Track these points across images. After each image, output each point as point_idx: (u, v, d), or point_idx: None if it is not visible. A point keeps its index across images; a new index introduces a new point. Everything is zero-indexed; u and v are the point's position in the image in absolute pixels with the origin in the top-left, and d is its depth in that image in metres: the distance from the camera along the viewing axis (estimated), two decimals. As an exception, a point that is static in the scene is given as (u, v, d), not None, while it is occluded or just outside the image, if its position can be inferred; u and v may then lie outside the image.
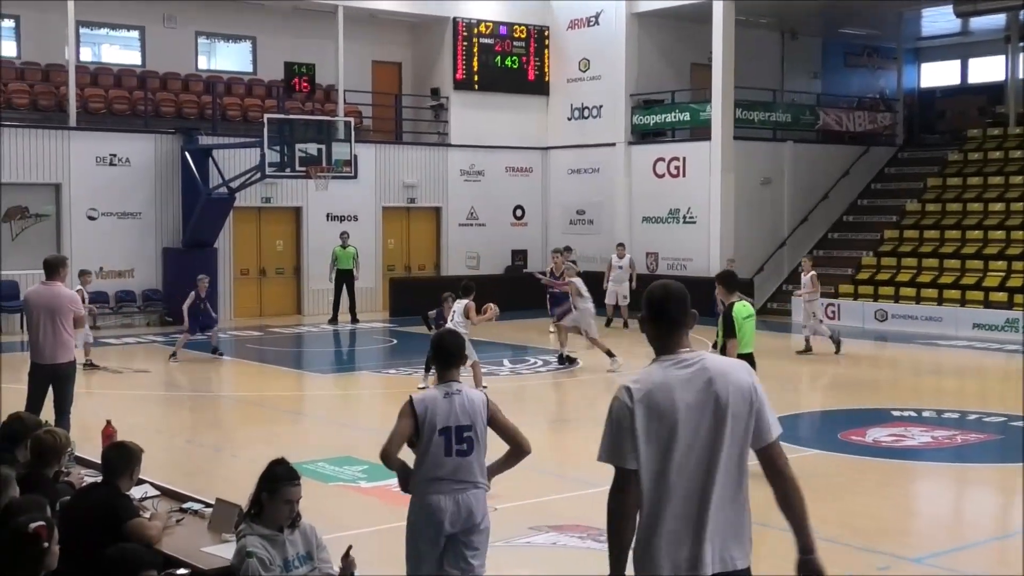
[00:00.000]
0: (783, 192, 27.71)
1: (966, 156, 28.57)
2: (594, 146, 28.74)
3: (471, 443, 5.65)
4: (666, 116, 27.99)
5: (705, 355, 4.12)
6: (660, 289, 4.17)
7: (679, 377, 4.03)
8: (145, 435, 12.35)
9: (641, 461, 3.98)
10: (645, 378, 4.07)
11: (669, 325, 4.12)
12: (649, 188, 27.66)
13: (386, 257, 27.61)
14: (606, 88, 28.46)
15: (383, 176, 27.34)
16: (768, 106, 28.30)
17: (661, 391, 4.01)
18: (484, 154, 29.01)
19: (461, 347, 5.84)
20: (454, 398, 5.68)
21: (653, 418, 3.98)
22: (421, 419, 5.65)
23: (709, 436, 4.01)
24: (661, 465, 3.98)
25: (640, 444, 3.97)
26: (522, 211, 29.87)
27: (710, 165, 26.26)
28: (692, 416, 4.00)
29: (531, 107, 29.74)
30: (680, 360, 4.08)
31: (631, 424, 3.97)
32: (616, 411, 4.02)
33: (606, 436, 4.04)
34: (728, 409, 4.02)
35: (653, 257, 27.62)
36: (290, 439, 12.94)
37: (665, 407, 3.99)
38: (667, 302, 4.12)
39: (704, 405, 4.01)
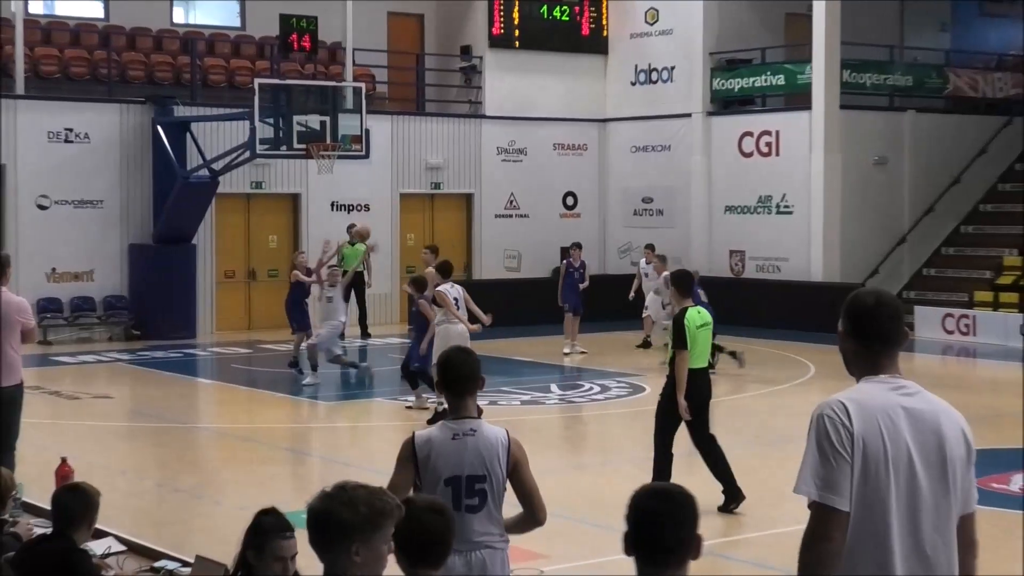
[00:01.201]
0: (903, 175, 27.50)
1: None
2: (664, 117, 28.66)
3: (484, 496, 5.58)
4: (755, 80, 27.85)
5: (919, 386, 4.07)
6: (870, 297, 4.11)
7: (903, 404, 3.96)
8: (108, 476, 12.46)
9: (852, 502, 3.87)
10: (860, 396, 3.96)
11: (882, 341, 4.05)
12: (733, 170, 27.55)
13: (404, 256, 27.66)
14: (679, 45, 28.38)
15: (401, 155, 27.42)
16: (883, 67, 28.08)
17: (883, 416, 3.92)
18: (527, 128, 29.01)
19: (475, 369, 5.70)
20: (466, 440, 5.58)
21: (875, 449, 3.88)
22: (423, 465, 5.60)
23: (934, 489, 3.93)
24: (874, 513, 3.88)
25: (855, 480, 3.87)
26: (574, 199, 29.83)
27: (810, 141, 26.11)
28: (920, 459, 3.91)
29: (586, 69, 29.71)
30: (899, 385, 4.01)
31: (850, 450, 3.86)
32: (830, 431, 3.89)
33: (812, 462, 3.90)
34: (953, 460, 3.98)
35: (738, 257, 27.48)
36: (285, 482, 12.97)
37: (890, 438, 3.89)
38: (879, 311, 4.06)
39: (930, 448, 3.93)
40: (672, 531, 3.74)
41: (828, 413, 3.91)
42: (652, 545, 3.75)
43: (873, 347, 4.06)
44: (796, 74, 26.96)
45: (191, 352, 22.73)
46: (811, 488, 3.89)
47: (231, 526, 5.43)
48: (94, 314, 24.05)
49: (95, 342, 23.55)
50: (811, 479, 3.89)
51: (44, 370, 18.28)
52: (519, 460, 5.61)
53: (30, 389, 17.29)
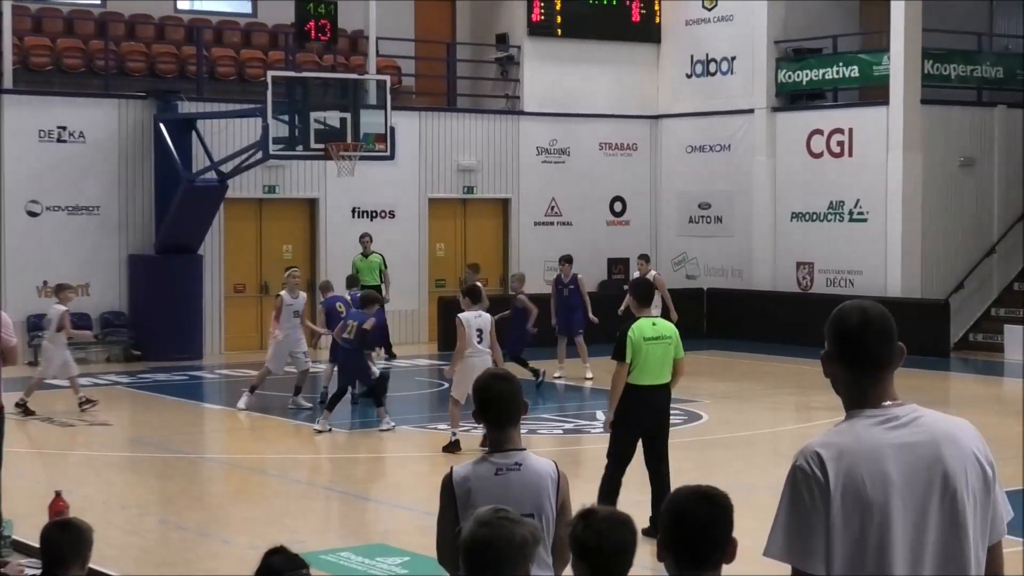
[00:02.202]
0: (991, 177, 27.37)
1: None
2: (724, 113, 28.67)
3: None
4: (826, 71, 27.80)
5: (920, 410, 4.02)
6: (855, 313, 4.04)
7: (891, 441, 3.91)
8: (106, 511, 12.57)
9: (835, 563, 3.85)
10: (840, 440, 3.94)
11: (870, 365, 4.01)
12: (800, 172, 27.51)
13: (433, 268, 27.73)
14: (741, 33, 28.39)
15: (430, 156, 27.51)
16: (970, 57, 27.98)
17: (866, 461, 3.87)
18: (570, 126, 29.06)
19: (517, 396, 5.66)
20: (510, 476, 5.55)
21: (856, 501, 3.85)
22: (462, 504, 5.56)
23: (940, 532, 3.89)
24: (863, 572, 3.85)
25: (835, 539, 3.84)
26: (623, 204, 29.85)
27: (887, 139, 26.05)
28: (913, 501, 3.88)
29: (636, 60, 29.75)
30: (889, 417, 3.96)
31: (824, 508, 3.84)
32: (801, 485, 3.88)
33: (782, 522, 3.91)
34: (962, 491, 3.92)
35: (806, 269, 27.40)
36: (303, 520, 13.02)
37: (874, 486, 3.86)
38: (866, 332, 4.00)
39: (930, 485, 3.90)
40: (711, 533, 3.98)
41: (801, 465, 3.88)
42: (689, 548, 3.98)
43: (861, 373, 4.01)
44: (872, 65, 26.89)
45: (197, 375, 22.85)
46: (781, 551, 3.88)
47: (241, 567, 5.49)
48: (90, 332, 24.20)
49: (91, 363, 23.68)
50: (782, 540, 3.88)
51: (35, 394, 18.40)
52: (565, 500, 5.59)
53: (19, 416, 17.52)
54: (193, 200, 23.88)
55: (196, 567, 11.04)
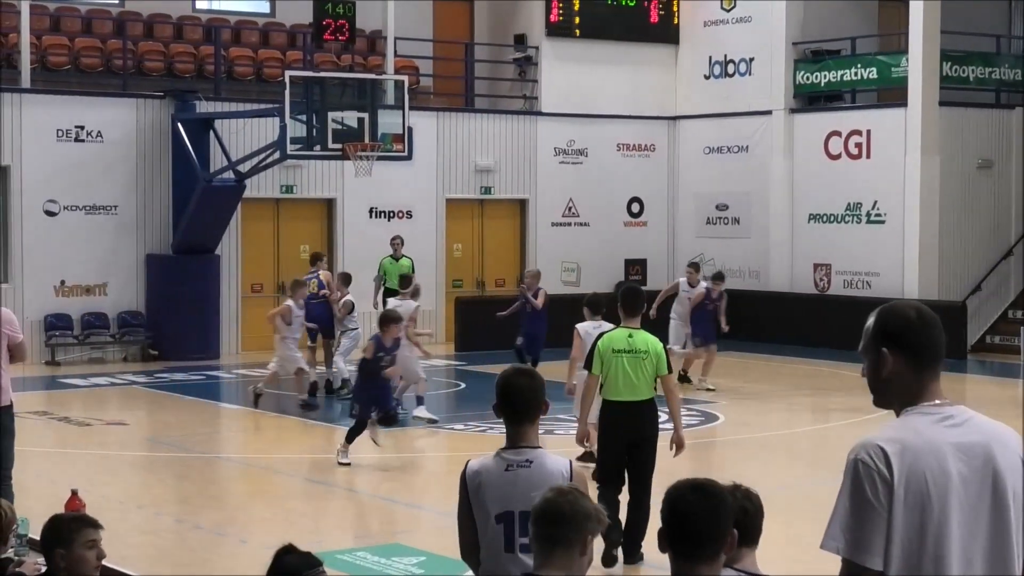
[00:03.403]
0: (1010, 179, 27.34)
1: None
2: (742, 115, 28.64)
3: None
4: (844, 73, 27.75)
5: (969, 411, 4.03)
6: (912, 310, 4.06)
7: (949, 439, 3.91)
8: (122, 510, 12.59)
9: (892, 560, 3.84)
10: (903, 436, 3.91)
11: (930, 361, 4.01)
12: (818, 174, 27.46)
13: (451, 269, 27.74)
14: (759, 34, 28.35)
15: (447, 157, 27.52)
16: (990, 59, 27.92)
17: (929, 457, 3.86)
18: (587, 126, 29.04)
19: (537, 393, 5.72)
20: (519, 472, 5.59)
21: (918, 498, 3.84)
22: (473, 498, 5.65)
23: (990, 532, 3.90)
24: (920, 568, 3.84)
25: (895, 536, 3.83)
26: (640, 206, 29.82)
27: (906, 141, 25.99)
28: (969, 500, 3.88)
29: (654, 61, 29.72)
30: (945, 416, 3.96)
31: (887, 503, 3.83)
32: (863, 479, 3.86)
33: (841, 516, 3.88)
34: (1011, 493, 3.94)
35: (824, 270, 27.35)
36: (318, 520, 13.03)
37: (935, 483, 3.85)
38: (926, 327, 4.02)
39: (983, 485, 3.91)
40: (707, 526, 4.11)
41: (863, 458, 3.86)
42: (687, 540, 4.12)
43: (921, 368, 4.00)
44: (890, 67, 26.84)
45: (214, 375, 22.88)
46: (840, 544, 3.86)
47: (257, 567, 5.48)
48: (107, 332, 24.27)
49: (108, 363, 23.75)
50: (840, 534, 3.86)
51: (52, 393, 18.47)
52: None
53: (36, 414, 17.58)
54: (210, 200, 23.92)
55: (213, 567, 11.04)
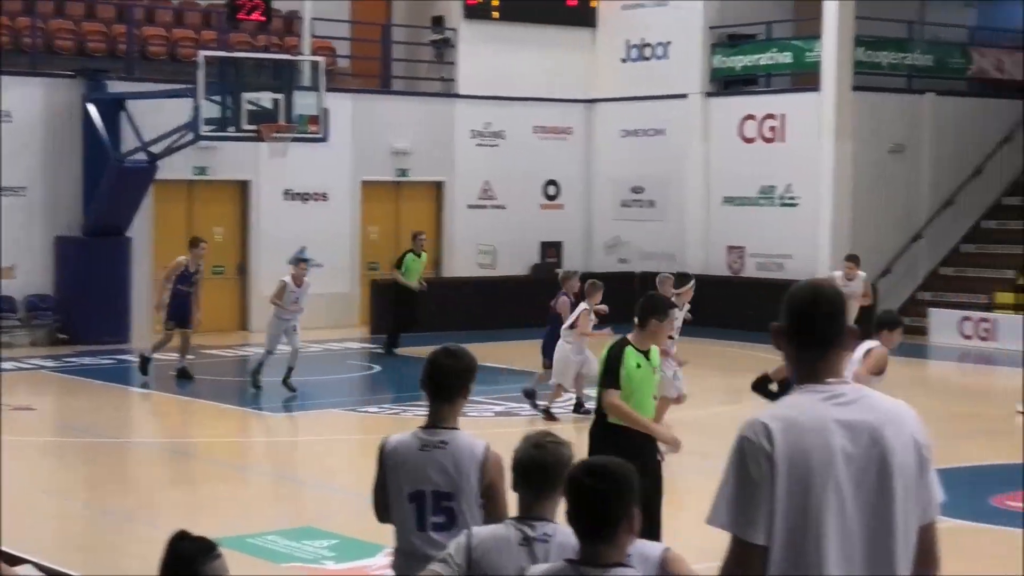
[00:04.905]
0: (920, 164, 27.66)
1: None
2: (658, 98, 28.75)
3: (452, 515, 5.56)
4: (759, 57, 27.96)
5: (864, 389, 4.10)
6: (807, 291, 4.13)
7: (836, 417, 3.95)
8: (30, 496, 12.44)
9: (775, 534, 3.88)
10: (788, 413, 3.97)
11: (817, 343, 4.07)
12: (733, 157, 27.65)
13: (366, 251, 27.67)
14: (676, 18, 28.47)
15: (364, 139, 27.40)
16: (902, 44, 28.22)
17: (813, 434, 3.91)
18: (505, 109, 29.04)
19: (461, 375, 5.71)
20: (433, 453, 5.59)
21: (800, 473, 3.88)
22: (389, 475, 5.67)
23: (873, 508, 3.95)
24: (803, 543, 3.88)
25: (778, 509, 3.87)
26: (556, 188, 29.88)
27: (819, 126, 26.21)
28: (853, 476, 3.92)
29: (571, 44, 29.75)
30: (835, 394, 4.00)
31: (769, 478, 3.87)
32: (747, 455, 3.90)
33: (727, 491, 3.93)
34: (899, 470, 3.97)
35: (737, 253, 27.57)
36: (230, 504, 12.96)
37: (819, 459, 3.89)
38: (816, 310, 4.07)
39: (868, 460, 3.94)
40: (604, 506, 4.16)
41: (747, 435, 3.90)
42: (583, 521, 4.19)
43: (809, 350, 4.06)
44: (805, 51, 27.05)
45: (125, 359, 22.60)
46: (724, 519, 3.91)
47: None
48: (15, 316, 23.93)
49: (16, 347, 23.38)
50: (725, 509, 3.91)
51: None
52: (495, 481, 5.57)
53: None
54: (122, 181, 23.66)
55: (121, 551, 10.97)
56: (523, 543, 4.81)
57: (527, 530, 4.82)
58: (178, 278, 19.68)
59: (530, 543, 4.80)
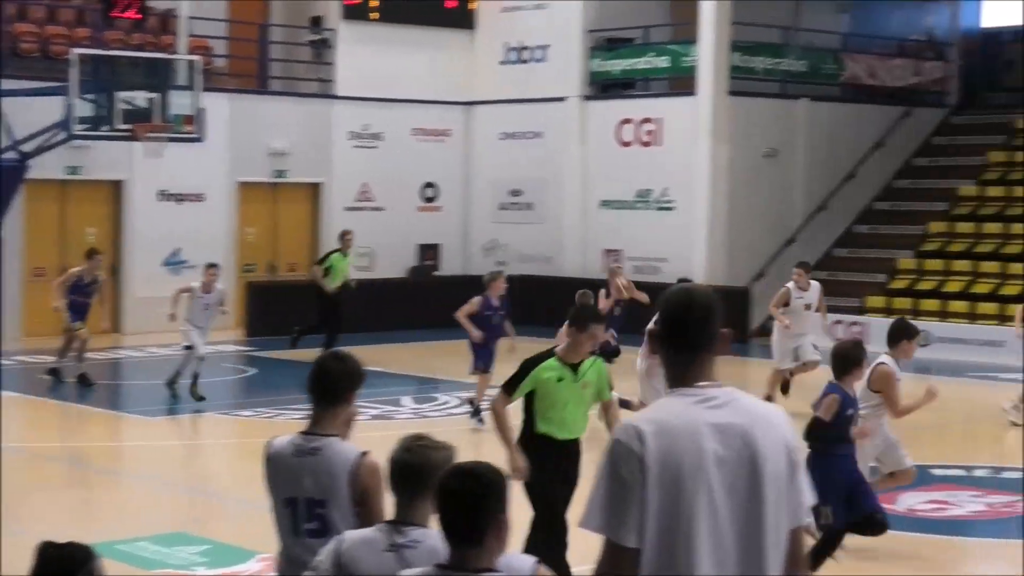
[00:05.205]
0: (794, 168, 28.09)
1: (1043, 122, 29.23)
2: (537, 101, 28.91)
3: (326, 522, 5.53)
4: (637, 61, 28.23)
5: (737, 393, 4.13)
6: (681, 295, 4.18)
7: (708, 420, 3.99)
8: None
9: (647, 536, 3.92)
10: (660, 416, 4.02)
11: (689, 347, 4.12)
12: (611, 160, 27.89)
13: (243, 253, 27.50)
14: (555, 21, 28.65)
15: (240, 139, 27.23)
16: (776, 50, 28.67)
17: (684, 437, 3.95)
18: (383, 110, 29.02)
19: (342, 380, 5.67)
20: (305, 460, 5.59)
21: (672, 476, 3.92)
22: (268, 476, 5.69)
23: (744, 510, 3.99)
24: (675, 545, 3.92)
25: (649, 512, 3.91)
26: (435, 190, 29.93)
27: (696, 130, 26.55)
28: (724, 478, 3.96)
29: (450, 46, 29.81)
30: (707, 397, 4.05)
31: (640, 481, 3.91)
32: (619, 459, 3.93)
33: (599, 494, 3.96)
34: (770, 471, 4.02)
35: (614, 256, 27.79)
36: (101, 509, 12.85)
37: (690, 462, 3.93)
38: (688, 316, 4.12)
39: (740, 463, 3.98)
40: (472, 511, 4.18)
41: (620, 438, 3.95)
42: (451, 525, 4.20)
43: (681, 353, 4.12)
44: (681, 56, 27.38)
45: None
46: (597, 522, 3.94)
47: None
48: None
49: None
50: (598, 512, 3.94)
51: None
52: (368, 488, 5.51)
53: None
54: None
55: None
56: (391, 548, 4.80)
57: (396, 536, 4.82)
58: (71, 288, 19.50)
59: (398, 549, 4.78)
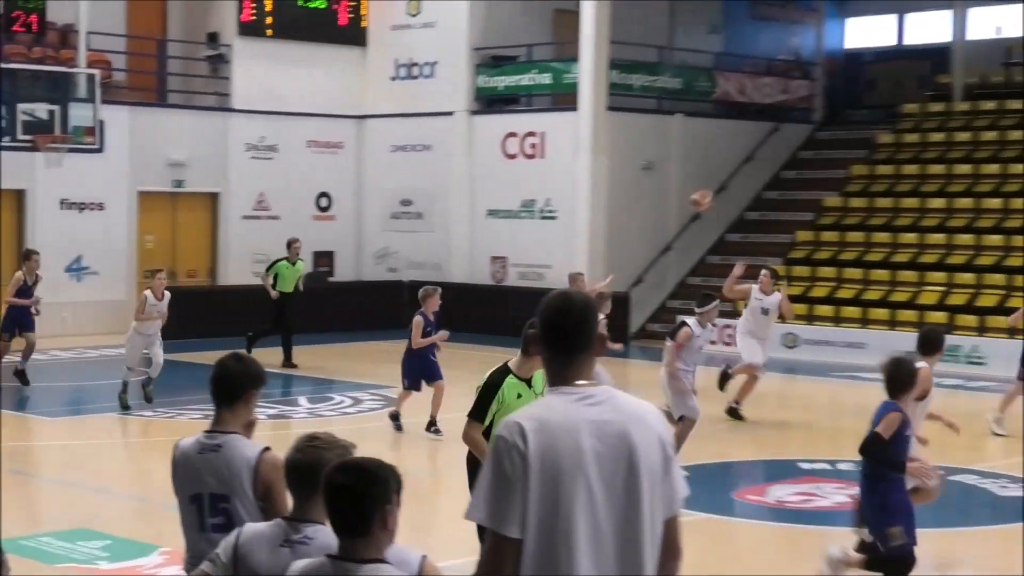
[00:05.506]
0: (670, 180, 28.32)
1: (900, 138, 29.73)
2: (426, 115, 28.87)
3: (230, 517, 5.47)
4: (521, 78, 28.31)
5: (613, 391, 4.18)
6: (559, 299, 4.21)
7: (586, 417, 4.03)
8: None
9: (529, 528, 3.95)
10: (541, 413, 4.06)
11: (567, 349, 4.15)
12: (496, 172, 27.94)
13: (143, 260, 27.13)
14: (443, 39, 28.64)
15: (140, 150, 26.86)
16: (653, 68, 28.91)
17: (564, 432, 3.99)
18: (278, 123, 28.80)
19: (241, 379, 5.61)
20: (208, 456, 5.52)
21: (551, 470, 3.96)
22: (174, 478, 5.63)
23: (624, 501, 4.02)
24: (555, 536, 3.96)
25: (530, 504, 3.94)
26: (329, 200, 29.76)
27: (577, 143, 26.67)
28: (602, 472, 4.00)
29: (343, 62, 29.69)
30: (585, 395, 4.09)
31: (522, 475, 3.94)
32: (502, 454, 3.97)
33: (483, 488, 4.00)
34: (645, 465, 4.05)
35: (500, 263, 27.85)
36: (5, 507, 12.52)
37: (569, 457, 3.97)
38: (565, 319, 4.16)
39: (616, 458, 4.02)
40: (357, 503, 4.20)
41: (503, 435, 3.99)
42: (340, 517, 4.24)
43: (559, 355, 4.17)
44: (563, 73, 27.50)
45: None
46: (481, 514, 3.99)
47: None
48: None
49: None
50: (483, 504, 3.99)
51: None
52: (270, 483, 5.44)
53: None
54: None
55: None
56: (285, 544, 4.78)
57: (291, 532, 4.80)
58: (17, 292, 19.16)
59: (292, 544, 4.76)
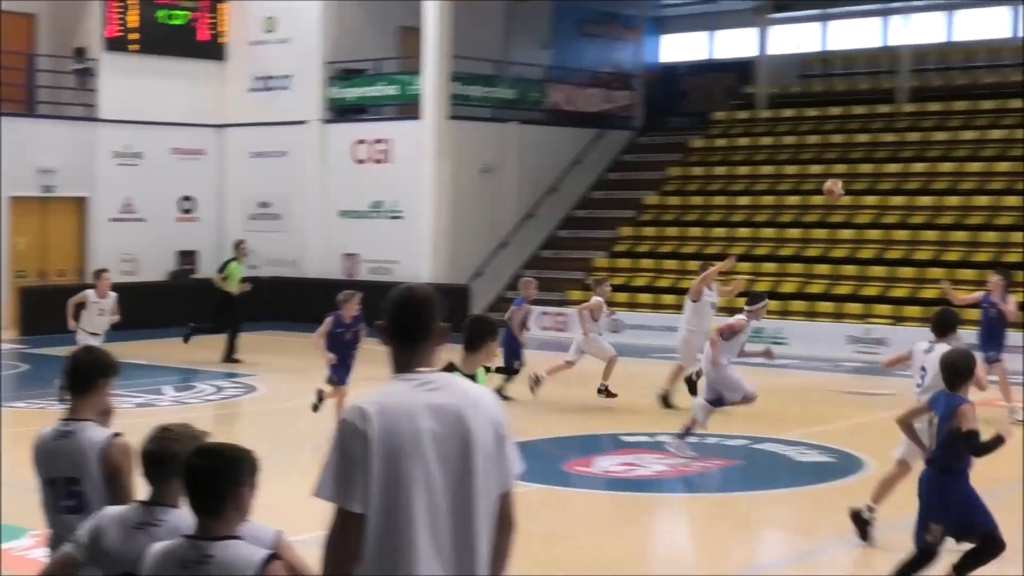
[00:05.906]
0: (507, 182, 28.76)
1: (711, 142, 30.63)
2: (281, 124, 28.91)
3: (82, 499, 5.43)
4: (369, 89, 28.50)
5: (451, 378, 4.22)
6: (402, 293, 4.23)
7: (425, 401, 4.07)
8: None
9: (371, 504, 3.99)
10: (384, 398, 4.08)
11: (408, 338, 4.18)
12: (348, 176, 28.11)
13: (14, 261, 26.77)
14: (297, 53, 28.69)
15: (11, 158, 26.41)
16: (489, 80, 29.29)
17: (403, 416, 4.03)
18: (143, 132, 28.59)
19: (92, 369, 5.60)
20: (61, 442, 5.50)
21: (392, 450, 3.99)
22: (34, 462, 5.60)
23: (459, 477, 4.07)
24: (396, 511, 4.01)
25: (373, 482, 3.98)
26: (192, 203, 29.68)
27: (421, 149, 26.97)
28: (439, 452, 4.04)
29: (204, 75, 29.57)
30: (424, 381, 4.13)
31: (364, 454, 3.97)
32: (346, 435, 4.00)
33: (330, 466, 4.01)
34: (480, 445, 4.10)
35: (352, 260, 28.06)
36: None
37: (408, 436, 4.01)
38: (405, 310, 4.19)
39: (453, 438, 4.07)
40: (211, 484, 4.19)
41: (347, 418, 4.04)
42: (196, 497, 4.20)
43: (401, 344, 4.21)
44: (408, 85, 27.74)
45: None
46: (328, 491, 4.02)
47: None
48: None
49: None
50: (330, 483, 4.02)
51: None
52: (117, 467, 5.40)
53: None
54: None
55: None
56: (139, 526, 4.74)
57: (146, 515, 4.76)
58: None
59: (145, 527, 4.72)
